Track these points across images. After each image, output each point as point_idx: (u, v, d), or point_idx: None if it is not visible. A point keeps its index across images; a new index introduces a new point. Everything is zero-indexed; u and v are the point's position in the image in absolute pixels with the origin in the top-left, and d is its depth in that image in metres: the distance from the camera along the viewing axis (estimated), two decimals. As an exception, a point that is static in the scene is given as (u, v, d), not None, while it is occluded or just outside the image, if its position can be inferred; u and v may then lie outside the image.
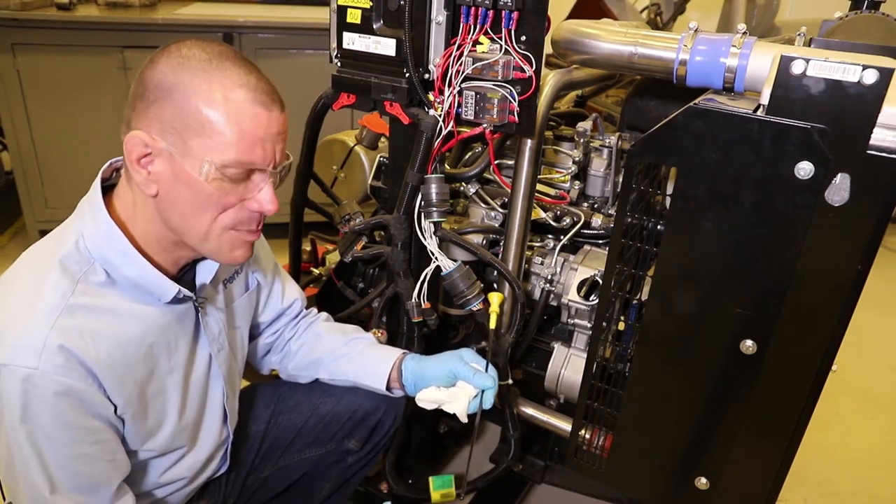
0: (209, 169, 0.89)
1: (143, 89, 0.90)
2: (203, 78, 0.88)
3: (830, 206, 0.91)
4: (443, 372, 1.18)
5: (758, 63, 1.00)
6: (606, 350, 1.23)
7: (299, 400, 1.34)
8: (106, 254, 0.93)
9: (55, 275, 0.90)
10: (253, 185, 0.94)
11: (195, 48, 0.90)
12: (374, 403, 1.31)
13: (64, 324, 0.87)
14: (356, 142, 1.74)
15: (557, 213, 1.46)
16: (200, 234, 0.95)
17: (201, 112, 0.87)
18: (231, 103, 0.88)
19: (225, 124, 0.88)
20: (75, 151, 2.84)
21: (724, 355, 1.06)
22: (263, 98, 0.91)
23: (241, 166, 0.90)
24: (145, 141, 0.88)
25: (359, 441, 1.34)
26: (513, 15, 1.09)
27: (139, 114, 0.90)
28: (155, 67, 0.89)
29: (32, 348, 0.85)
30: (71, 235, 0.94)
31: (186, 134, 0.88)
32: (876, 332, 2.77)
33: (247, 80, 0.90)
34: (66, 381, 0.87)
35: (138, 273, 0.95)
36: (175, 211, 0.93)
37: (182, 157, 0.89)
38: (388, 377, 1.23)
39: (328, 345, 1.30)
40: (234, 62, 0.91)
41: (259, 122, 0.90)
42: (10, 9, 2.58)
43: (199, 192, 0.90)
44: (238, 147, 0.89)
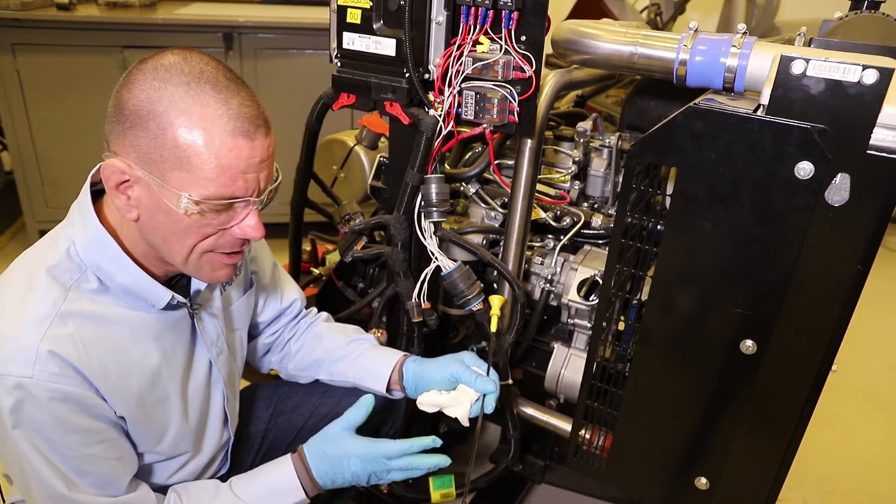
0: (188, 203, 0.86)
1: (119, 112, 0.86)
2: (180, 108, 0.83)
3: (830, 206, 0.91)
4: (444, 375, 1.17)
5: (758, 63, 1.00)
6: (606, 350, 1.23)
7: (299, 401, 1.34)
8: (97, 261, 0.92)
9: (44, 283, 0.89)
10: (236, 213, 0.91)
11: (172, 70, 0.85)
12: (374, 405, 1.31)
13: (55, 332, 0.87)
14: (356, 142, 1.74)
15: (557, 213, 1.46)
16: (182, 258, 0.93)
17: (179, 145, 0.83)
18: (210, 136, 0.84)
19: (204, 159, 0.84)
20: (75, 151, 2.84)
21: (724, 355, 1.06)
22: (245, 127, 0.86)
23: (221, 199, 0.87)
24: (122, 169, 0.86)
25: None
26: (513, 15, 1.09)
27: (116, 137, 0.87)
28: (131, 89, 0.85)
29: (25, 357, 0.85)
30: (62, 242, 0.93)
31: (164, 167, 0.85)
32: (876, 332, 2.77)
33: (227, 108, 0.85)
34: (61, 387, 0.86)
35: (130, 280, 0.94)
36: (157, 235, 0.92)
37: (160, 188, 0.86)
38: (388, 379, 1.23)
39: (328, 346, 1.30)
40: (215, 86, 0.85)
41: (240, 153, 0.86)
42: (10, 9, 2.58)
43: (178, 221, 0.88)
44: (218, 182, 0.85)
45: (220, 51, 2.82)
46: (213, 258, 0.95)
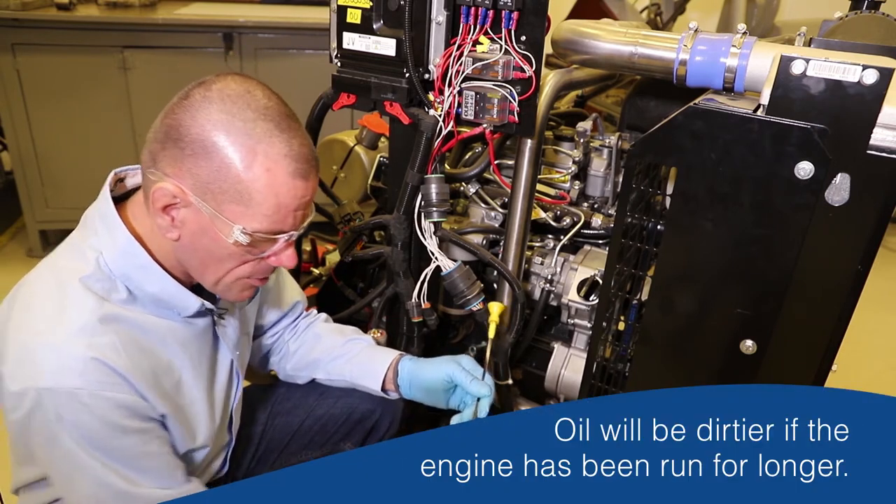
0: (239, 234, 0.88)
1: (178, 136, 0.86)
2: (247, 145, 0.85)
3: (830, 206, 0.91)
4: (439, 375, 1.18)
5: (758, 63, 1.00)
6: (606, 350, 1.23)
7: (296, 402, 1.34)
8: (127, 270, 0.93)
9: (80, 294, 0.89)
10: (276, 244, 0.94)
11: (240, 102, 0.86)
12: (371, 406, 1.31)
13: (97, 340, 0.87)
14: (356, 142, 1.74)
15: (557, 213, 1.46)
16: (213, 280, 0.96)
17: (241, 181, 0.86)
18: (272, 176, 0.87)
19: (264, 196, 0.87)
20: (75, 151, 2.84)
21: (724, 355, 1.06)
22: (304, 168, 0.89)
23: (271, 233, 0.91)
24: (175, 193, 0.87)
25: (354, 443, 1.33)
26: (513, 15, 1.09)
27: (171, 160, 0.87)
28: (194, 116, 0.85)
29: (73, 368, 0.85)
30: (90, 253, 0.92)
31: (222, 198, 0.87)
32: (876, 332, 2.77)
33: (289, 147, 0.88)
34: (111, 394, 0.87)
35: (160, 288, 0.95)
36: (194, 256, 0.93)
37: (212, 217, 0.88)
38: (383, 377, 1.24)
39: (326, 345, 1.30)
40: (279, 124, 0.88)
41: (297, 193, 0.90)
42: (10, 9, 2.58)
43: (223, 248, 0.91)
44: (272, 218, 0.89)
45: (220, 51, 2.82)
46: (244, 282, 0.98)
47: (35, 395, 0.85)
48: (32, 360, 0.86)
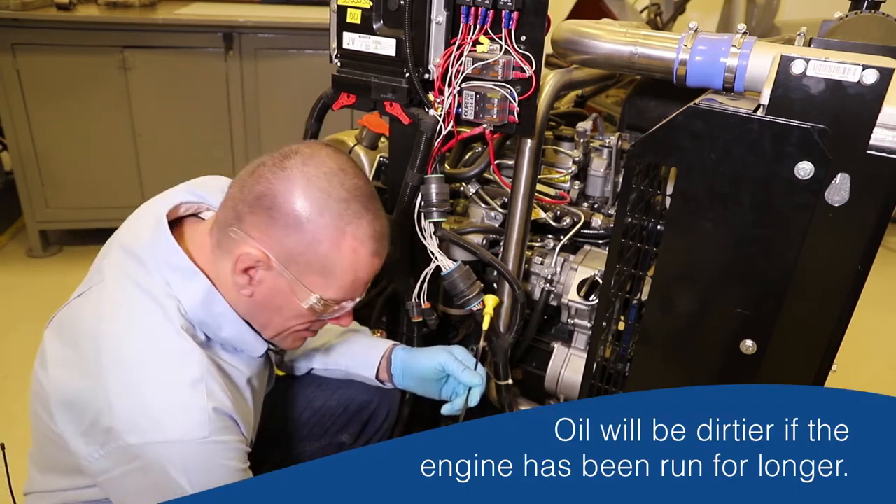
0: (314, 301, 0.93)
1: (270, 205, 0.88)
2: (338, 227, 0.89)
3: (830, 206, 0.91)
4: (431, 364, 1.19)
5: (758, 63, 1.00)
6: (606, 350, 1.23)
7: (293, 394, 1.35)
8: (203, 317, 0.94)
9: (182, 344, 0.90)
10: (342, 308, 0.99)
11: (335, 181, 0.89)
12: (368, 397, 1.32)
13: (212, 388, 0.90)
14: (356, 142, 1.74)
15: (557, 213, 1.46)
16: (273, 333, 0.99)
17: (328, 258, 0.90)
18: (357, 256, 0.91)
19: (346, 271, 0.92)
20: (75, 151, 2.84)
21: (724, 355, 1.06)
22: (381, 247, 0.94)
23: (344, 301, 0.96)
24: (259, 259, 0.90)
25: (352, 434, 1.34)
26: (513, 15, 1.09)
27: (260, 226, 0.89)
28: (290, 190, 0.88)
29: (199, 420, 0.87)
30: (168, 302, 0.92)
31: (306, 269, 0.91)
32: (876, 332, 2.77)
33: (373, 229, 0.92)
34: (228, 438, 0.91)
35: (234, 334, 0.97)
36: (262, 313, 0.96)
37: (292, 283, 0.92)
38: (377, 366, 1.25)
39: (323, 336, 1.31)
40: (366, 205, 0.91)
41: (373, 269, 0.95)
42: (10, 9, 2.58)
43: (294, 310, 0.95)
44: (348, 290, 0.94)
45: (220, 51, 2.83)
46: (298, 334, 1.02)
47: (162, 447, 0.86)
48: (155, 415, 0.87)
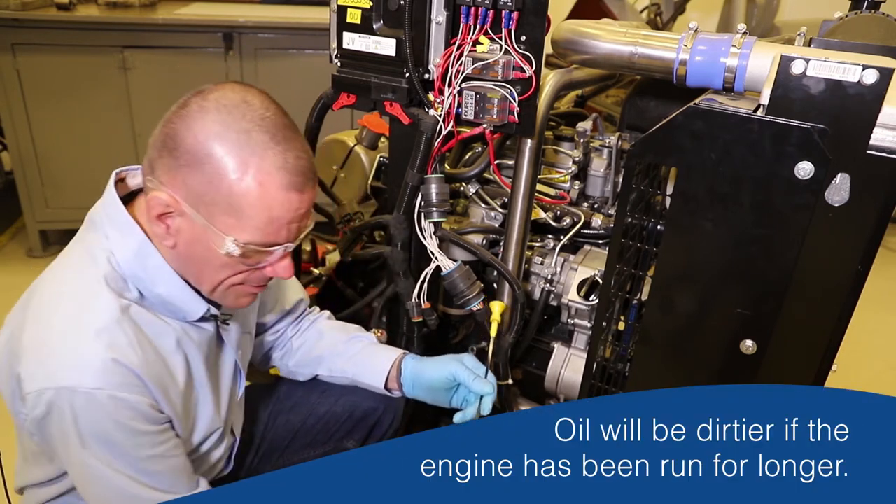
0: (231, 246, 0.88)
1: (174, 144, 0.86)
2: (239, 157, 0.84)
3: (830, 206, 0.91)
4: (442, 374, 1.18)
5: (758, 63, 1.00)
6: (606, 350, 1.23)
7: (297, 400, 1.34)
8: (138, 272, 0.93)
9: (101, 293, 0.90)
10: (270, 254, 0.93)
11: (235, 113, 0.85)
12: (373, 403, 1.32)
13: (116, 340, 0.88)
14: (356, 142, 1.74)
15: (557, 213, 1.46)
16: (209, 287, 0.96)
17: (233, 193, 0.85)
18: (265, 189, 0.85)
19: (256, 209, 0.86)
20: (75, 151, 2.84)
21: (724, 355, 1.06)
22: (299, 180, 0.88)
23: (264, 245, 0.90)
24: (168, 203, 0.87)
25: (357, 441, 1.34)
26: (513, 15, 1.09)
27: (166, 169, 0.87)
28: (189, 125, 0.85)
29: (92, 368, 0.86)
30: (100, 253, 0.92)
31: (214, 209, 0.86)
32: (876, 332, 2.77)
33: (284, 160, 0.86)
34: (127, 395, 0.88)
35: (170, 290, 0.95)
36: (190, 265, 0.94)
37: (205, 228, 0.88)
38: (387, 375, 1.24)
39: (329, 342, 1.31)
40: (274, 136, 0.86)
41: (290, 206, 0.88)
42: (10, 9, 2.58)
43: (216, 258, 0.90)
44: (265, 231, 0.88)
45: (220, 51, 2.82)
46: (239, 289, 0.98)
47: (53, 394, 0.85)
48: (51, 360, 0.87)
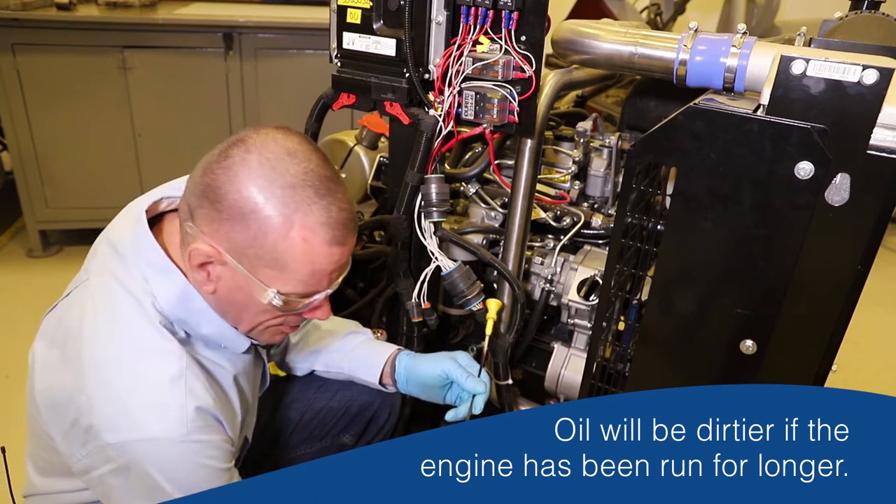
0: (273, 296, 0.88)
1: (215, 198, 0.84)
2: (283, 214, 0.83)
3: (830, 206, 0.91)
4: (435, 371, 1.19)
5: (758, 63, 1.00)
6: (606, 350, 1.23)
7: (294, 396, 1.35)
8: (181, 314, 0.92)
9: (160, 340, 0.89)
10: (310, 301, 0.93)
11: (279, 167, 0.83)
12: (369, 398, 1.32)
13: (192, 385, 0.88)
14: (356, 142, 1.74)
15: (557, 213, 1.46)
16: (247, 328, 0.96)
17: (277, 249, 0.84)
18: (309, 245, 0.85)
19: (300, 264, 0.86)
20: (75, 151, 2.84)
21: (724, 355, 1.06)
22: (342, 234, 0.87)
23: (306, 296, 0.91)
24: (210, 254, 0.86)
25: (353, 436, 1.34)
26: (513, 15, 1.09)
27: (207, 220, 0.85)
28: (231, 180, 0.83)
29: (177, 418, 0.86)
30: (145, 298, 0.90)
31: (257, 262, 0.86)
32: (875, 332, 2.77)
33: (327, 215, 0.85)
34: (210, 437, 0.89)
35: (214, 331, 0.95)
36: (229, 308, 0.93)
37: (247, 278, 0.87)
38: (381, 371, 1.25)
39: (326, 338, 1.31)
40: (318, 190, 0.85)
41: (332, 259, 0.88)
42: (10, 9, 2.58)
43: (256, 305, 0.90)
44: (307, 283, 0.89)
45: (220, 51, 2.82)
46: (275, 329, 0.98)
47: (140, 445, 0.86)
48: (134, 412, 0.86)
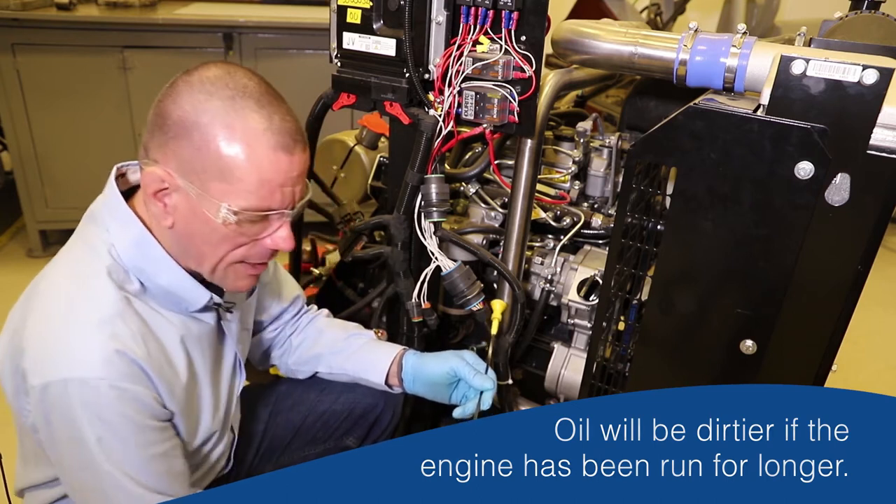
0: (226, 213, 0.88)
1: (163, 121, 0.88)
2: (224, 121, 0.86)
3: (830, 206, 0.91)
4: (443, 370, 1.18)
5: (758, 63, 1.00)
6: (606, 350, 1.23)
7: (297, 399, 1.34)
8: (139, 263, 0.93)
9: (101, 284, 0.90)
10: (269, 224, 0.94)
11: (218, 83, 0.88)
12: (372, 400, 1.32)
13: (120, 331, 0.88)
14: (356, 142, 1.74)
15: (557, 213, 1.46)
16: (210, 266, 0.96)
17: (221, 157, 0.86)
18: (252, 149, 0.86)
19: (245, 171, 0.87)
20: (75, 151, 2.84)
21: (723, 355, 1.06)
22: (286, 141, 0.89)
23: (259, 211, 0.90)
24: (162, 177, 0.88)
25: (357, 438, 1.34)
26: (513, 15, 1.09)
27: (157, 145, 0.89)
28: (176, 100, 0.88)
29: (97, 359, 0.86)
30: (101, 246, 0.93)
31: (205, 176, 0.87)
32: (875, 332, 2.77)
33: (269, 122, 0.88)
34: (131, 386, 0.88)
35: (172, 280, 0.95)
36: (190, 242, 0.93)
37: (199, 197, 0.88)
38: (387, 372, 1.24)
39: (329, 340, 1.31)
40: (258, 101, 0.88)
41: (280, 167, 0.89)
42: (10, 9, 2.58)
43: (215, 230, 0.90)
44: (258, 194, 0.89)
45: (220, 51, 2.82)
46: (239, 268, 0.98)
47: (59, 386, 0.85)
48: (56, 352, 0.87)
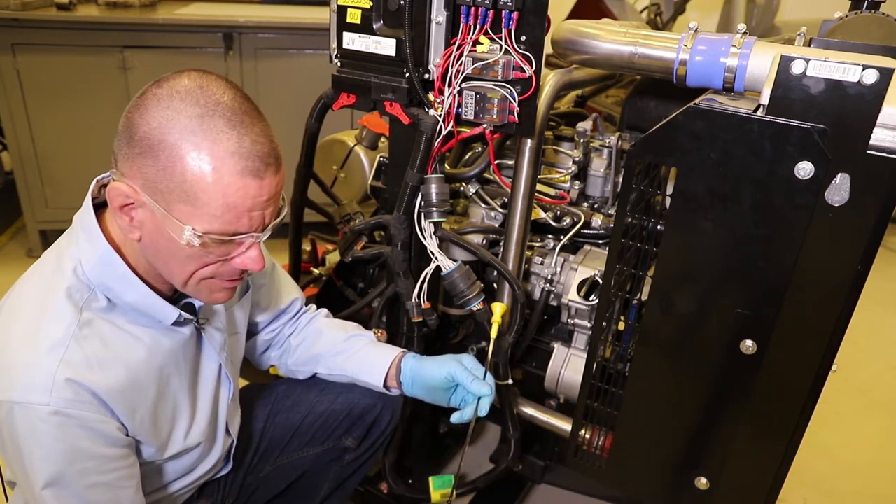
0: (190, 235, 0.85)
1: (130, 135, 0.85)
2: (191, 142, 0.82)
3: (830, 206, 0.91)
4: (441, 374, 1.18)
5: (758, 63, 1.00)
6: (606, 350, 1.23)
7: (296, 399, 1.34)
8: (105, 280, 0.92)
9: (59, 305, 0.89)
10: (238, 245, 0.91)
11: (188, 99, 0.83)
12: (371, 401, 1.32)
13: (71, 357, 0.86)
14: (356, 142, 1.74)
15: (557, 213, 1.46)
16: (180, 281, 0.94)
17: (186, 180, 0.83)
18: (219, 174, 0.83)
19: (210, 196, 0.83)
20: (75, 151, 2.84)
21: (724, 355, 1.06)
22: (256, 166, 0.85)
23: (224, 235, 0.87)
24: (127, 193, 0.85)
25: (356, 439, 1.34)
26: (513, 15, 1.09)
27: (125, 158, 0.86)
28: (143, 114, 0.84)
29: (42, 385, 0.84)
30: (68, 262, 0.92)
31: (170, 197, 0.84)
32: (875, 332, 2.77)
33: (239, 144, 0.83)
34: (78, 413, 0.86)
35: (138, 298, 0.94)
36: (157, 258, 0.92)
37: (164, 217, 0.85)
38: (386, 374, 1.24)
39: (328, 341, 1.31)
40: (230, 120, 0.84)
41: (247, 193, 0.85)
42: (10, 9, 2.58)
43: (180, 249, 0.88)
44: (222, 219, 0.85)
45: (220, 51, 2.82)
46: (212, 283, 0.95)
47: (8, 407, 0.85)
48: (7, 373, 0.86)
